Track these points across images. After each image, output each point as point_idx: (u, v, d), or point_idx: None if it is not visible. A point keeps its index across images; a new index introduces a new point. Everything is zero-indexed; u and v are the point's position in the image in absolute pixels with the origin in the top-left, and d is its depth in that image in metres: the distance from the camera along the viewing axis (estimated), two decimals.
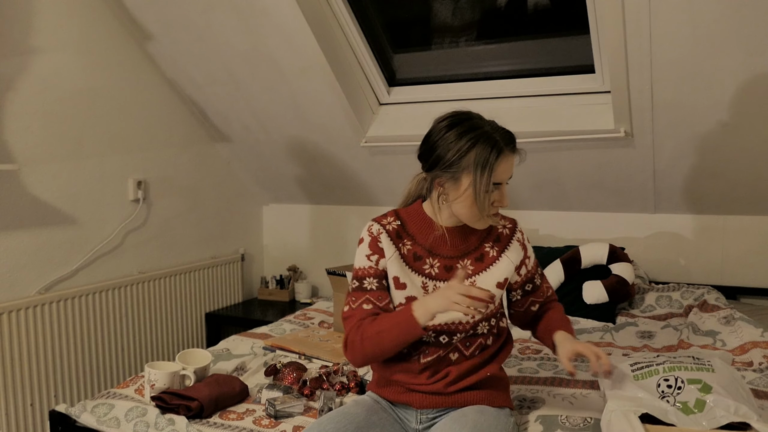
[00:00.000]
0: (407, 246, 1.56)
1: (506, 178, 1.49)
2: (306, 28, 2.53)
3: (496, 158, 1.44)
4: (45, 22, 2.47)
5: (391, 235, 1.56)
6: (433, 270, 1.55)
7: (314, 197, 3.53)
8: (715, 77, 2.17)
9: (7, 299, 2.38)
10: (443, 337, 1.54)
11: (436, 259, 1.56)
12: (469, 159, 1.44)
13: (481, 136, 1.44)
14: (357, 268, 1.57)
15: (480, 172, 1.43)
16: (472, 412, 1.47)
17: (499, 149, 1.44)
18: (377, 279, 1.54)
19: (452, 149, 1.45)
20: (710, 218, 2.74)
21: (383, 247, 1.54)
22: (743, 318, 2.22)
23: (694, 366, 1.50)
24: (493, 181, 1.45)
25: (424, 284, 1.54)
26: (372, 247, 1.55)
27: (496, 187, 1.48)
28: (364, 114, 2.92)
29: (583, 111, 2.56)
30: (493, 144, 1.44)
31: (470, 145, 1.44)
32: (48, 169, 2.51)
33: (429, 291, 1.54)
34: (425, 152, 1.52)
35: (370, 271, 1.54)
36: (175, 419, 1.67)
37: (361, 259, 1.56)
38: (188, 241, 3.20)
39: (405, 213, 1.60)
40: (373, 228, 1.57)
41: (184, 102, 3.13)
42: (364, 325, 1.48)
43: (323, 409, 1.69)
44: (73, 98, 2.59)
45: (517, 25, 2.59)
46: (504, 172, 1.47)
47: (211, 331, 3.26)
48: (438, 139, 1.48)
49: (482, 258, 1.58)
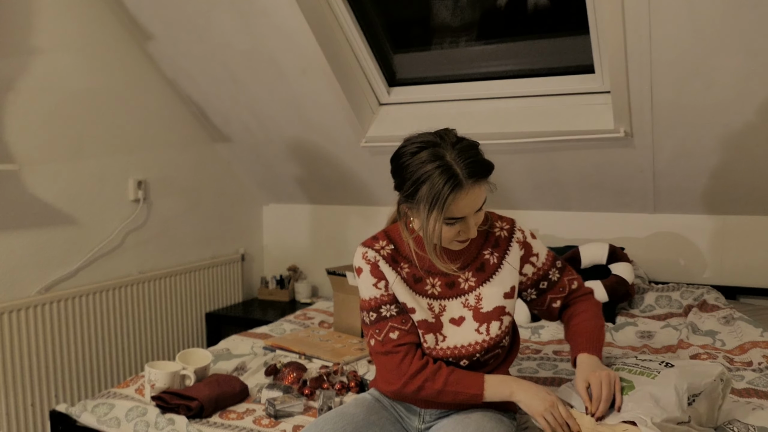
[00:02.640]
0: (405, 269, 1.50)
1: (469, 213, 1.38)
2: (306, 28, 2.53)
3: (451, 192, 1.32)
4: (45, 22, 2.47)
5: (388, 260, 1.49)
6: (435, 290, 1.50)
7: (314, 197, 3.53)
8: (715, 77, 2.17)
9: (7, 299, 2.38)
10: (463, 361, 1.49)
11: (436, 278, 1.50)
12: (422, 193, 1.34)
13: (438, 168, 1.32)
14: (368, 299, 1.49)
15: (429, 209, 1.33)
16: (475, 415, 1.44)
17: (455, 183, 1.32)
18: (393, 304, 1.47)
19: (410, 179, 1.36)
20: (710, 218, 2.74)
21: (384, 272, 1.48)
22: (743, 318, 2.22)
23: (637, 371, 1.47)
24: (448, 217, 1.35)
25: (430, 306, 1.49)
26: (374, 274, 1.48)
27: (458, 221, 1.38)
28: (364, 114, 2.92)
29: (583, 111, 2.56)
30: (448, 178, 1.32)
31: (425, 178, 1.33)
32: (48, 169, 2.51)
33: (435, 312, 1.49)
34: (393, 172, 1.43)
35: (384, 299, 1.48)
36: (176, 419, 1.67)
37: (369, 290, 1.49)
38: (188, 241, 3.20)
39: (393, 233, 1.54)
40: (369, 254, 1.50)
41: (184, 102, 3.13)
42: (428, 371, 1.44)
43: (323, 409, 1.69)
44: (73, 98, 2.59)
45: (517, 25, 2.59)
46: (465, 207, 1.35)
47: (211, 331, 3.26)
48: (402, 163, 1.39)
49: (483, 267, 1.52)
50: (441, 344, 1.49)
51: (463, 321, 1.49)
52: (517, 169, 2.80)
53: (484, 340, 1.48)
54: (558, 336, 2.37)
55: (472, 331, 1.48)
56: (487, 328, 1.48)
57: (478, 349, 1.48)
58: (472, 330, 1.48)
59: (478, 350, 1.48)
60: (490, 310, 1.49)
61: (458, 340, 1.48)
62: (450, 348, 1.48)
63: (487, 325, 1.48)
